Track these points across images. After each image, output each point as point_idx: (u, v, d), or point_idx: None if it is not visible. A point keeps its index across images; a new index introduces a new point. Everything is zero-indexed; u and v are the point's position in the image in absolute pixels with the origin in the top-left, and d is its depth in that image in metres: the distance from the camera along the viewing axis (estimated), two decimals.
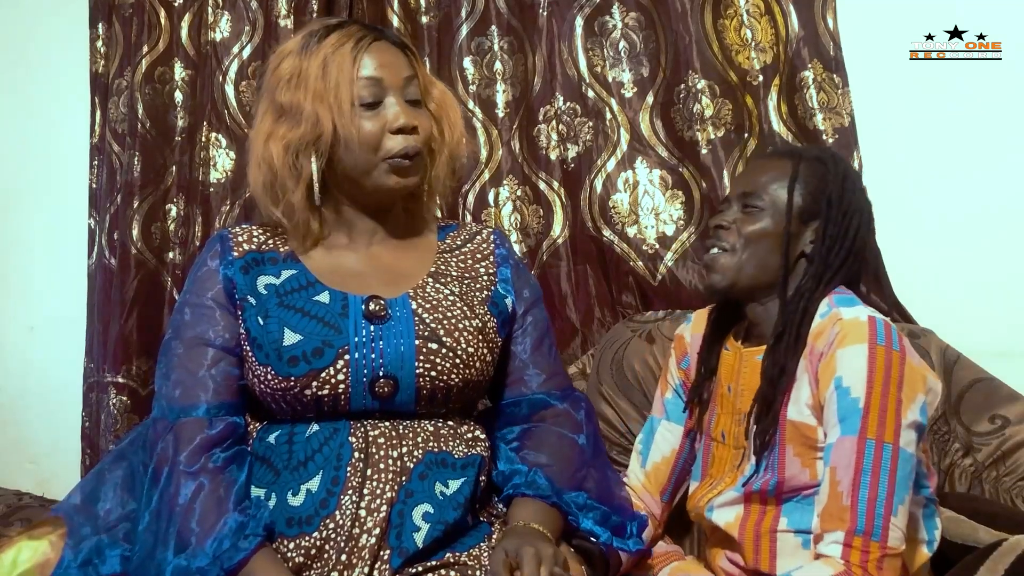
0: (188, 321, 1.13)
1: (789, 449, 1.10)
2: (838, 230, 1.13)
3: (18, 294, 2.36)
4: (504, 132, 1.87)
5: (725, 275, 1.16)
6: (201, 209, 2.05)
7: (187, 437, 1.07)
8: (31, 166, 2.35)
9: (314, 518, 1.03)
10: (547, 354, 1.24)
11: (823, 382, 1.07)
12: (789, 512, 1.12)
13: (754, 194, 1.16)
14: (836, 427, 1.04)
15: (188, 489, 1.04)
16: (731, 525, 1.16)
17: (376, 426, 1.09)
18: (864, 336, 1.04)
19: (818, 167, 1.16)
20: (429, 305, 1.13)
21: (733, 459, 1.19)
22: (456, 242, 1.25)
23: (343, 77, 1.09)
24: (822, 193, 1.14)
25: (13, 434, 2.33)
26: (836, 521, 1.01)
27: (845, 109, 1.62)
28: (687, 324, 1.35)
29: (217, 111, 2.05)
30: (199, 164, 2.06)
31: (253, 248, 1.17)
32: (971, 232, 1.58)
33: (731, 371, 1.21)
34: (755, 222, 1.15)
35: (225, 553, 0.99)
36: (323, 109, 1.09)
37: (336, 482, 1.04)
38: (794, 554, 1.11)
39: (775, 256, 1.15)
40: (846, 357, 1.04)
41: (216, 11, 2.05)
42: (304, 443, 1.08)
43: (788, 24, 1.65)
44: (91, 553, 1.08)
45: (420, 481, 1.06)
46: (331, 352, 1.07)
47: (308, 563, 1.02)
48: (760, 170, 1.19)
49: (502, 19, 1.88)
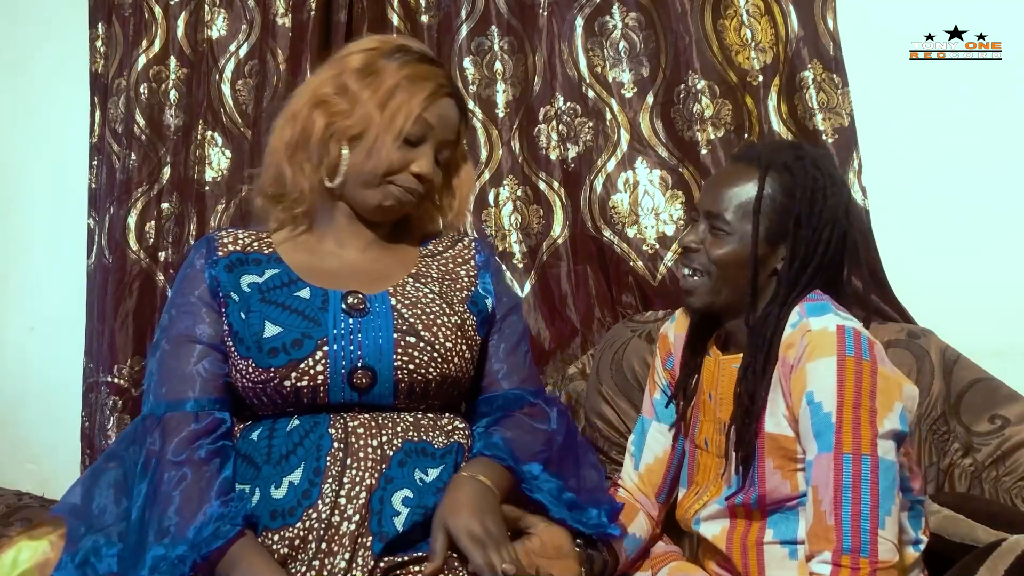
0: (175, 319, 1.16)
1: (769, 462, 1.10)
2: (808, 249, 1.09)
3: (18, 294, 2.36)
4: (504, 132, 1.87)
5: (700, 298, 1.15)
6: (196, 208, 2.05)
7: (173, 430, 1.08)
8: (31, 166, 2.35)
9: (296, 509, 1.04)
10: (522, 359, 1.26)
11: (795, 396, 1.05)
12: (774, 524, 1.12)
13: (719, 216, 1.12)
14: (812, 443, 1.02)
15: (172, 479, 1.05)
16: (718, 538, 1.16)
17: (355, 417, 1.10)
18: (832, 348, 1.02)
19: (785, 179, 1.10)
20: (408, 301, 1.16)
21: (717, 467, 1.18)
22: (438, 248, 1.28)
23: (408, 108, 1.15)
24: (789, 213, 1.10)
25: (13, 434, 2.33)
26: (823, 541, 0.99)
27: (845, 109, 1.62)
28: (670, 323, 1.34)
29: (213, 109, 2.05)
30: (194, 162, 2.06)
31: (238, 249, 1.20)
32: (971, 232, 1.58)
33: (712, 378, 1.21)
34: (722, 246, 1.11)
35: (204, 540, 1.00)
36: (377, 116, 1.15)
37: (317, 472, 1.06)
38: (782, 565, 1.11)
39: (749, 279, 1.11)
40: (816, 371, 1.02)
41: (213, 9, 2.05)
42: (285, 437, 1.09)
43: (788, 24, 1.65)
44: (88, 553, 1.08)
45: (399, 468, 1.07)
46: (310, 343, 1.09)
47: (293, 554, 1.03)
48: (728, 184, 1.13)
49: (502, 19, 1.88)
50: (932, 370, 1.43)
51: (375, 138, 1.15)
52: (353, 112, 1.16)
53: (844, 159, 1.60)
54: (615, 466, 1.59)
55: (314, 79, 1.23)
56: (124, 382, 2.08)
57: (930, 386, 1.41)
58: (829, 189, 1.11)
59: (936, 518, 1.20)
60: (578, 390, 1.71)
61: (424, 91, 1.17)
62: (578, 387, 1.71)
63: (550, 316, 1.84)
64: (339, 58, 1.22)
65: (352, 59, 1.20)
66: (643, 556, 1.30)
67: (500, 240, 1.87)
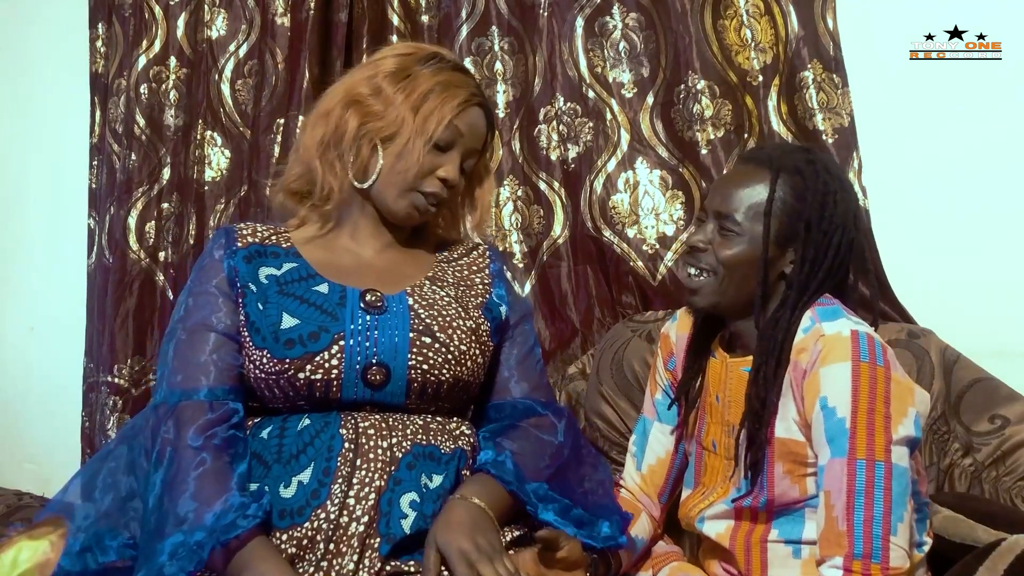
0: (191, 308, 1.16)
1: (778, 467, 1.10)
2: (818, 253, 1.09)
3: (18, 294, 2.36)
4: (505, 132, 1.87)
5: (705, 298, 1.14)
6: (195, 207, 2.05)
7: (188, 418, 1.08)
8: (31, 166, 2.36)
9: (305, 509, 1.04)
10: (533, 367, 1.26)
11: (808, 401, 1.05)
12: (780, 524, 1.12)
13: (729, 217, 1.11)
14: (825, 448, 1.02)
15: (189, 465, 1.05)
16: (722, 536, 1.16)
17: (366, 418, 1.10)
18: (847, 353, 1.02)
19: (796, 182, 1.10)
20: (425, 302, 1.17)
21: (725, 469, 1.18)
22: (453, 255, 1.30)
23: (440, 114, 1.17)
24: (800, 216, 1.09)
25: (13, 434, 2.33)
26: (834, 547, 0.99)
27: (845, 109, 1.62)
28: (672, 323, 1.33)
29: (213, 109, 2.05)
30: (194, 162, 2.06)
31: (256, 242, 1.21)
32: (971, 232, 1.58)
33: (719, 380, 1.20)
34: (732, 247, 1.11)
35: (223, 527, 0.99)
36: (410, 119, 1.17)
37: (327, 473, 1.06)
38: (784, 563, 1.11)
39: (756, 280, 1.11)
40: (829, 376, 1.02)
41: (213, 9, 2.05)
42: (296, 437, 1.09)
43: (788, 24, 1.65)
44: (90, 541, 1.08)
45: (408, 470, 1.08)
46: (327, 337, 1.10)
47: (301, 554, 1.03)
48: (738, 185, 1.12)
49: (502, 19, 1.88)
50: (932, 370, 1.43)
51: (407, 140, 1.16)
52: (386, 114, 1.17)
53: (844, 159, 1.60)
54: (615, 466, 1.59)
55: (348, 79, 1.24)
56: (124, 382, 2.08)
57: (930, 386, 1.41)
58: (839, 194, 1.11)
59: (937, 518, 1.20)
60: (578, 390, 1.71)
61: (456, 98, 1.18)
62: (578, 387, 1.71)
63: (550, 316, 1.84)
64: (373, 61, 1.24)
65: (387, 62, 1.21)
66: (644, 556, 1.30)
67: (501, 240, 1.88)
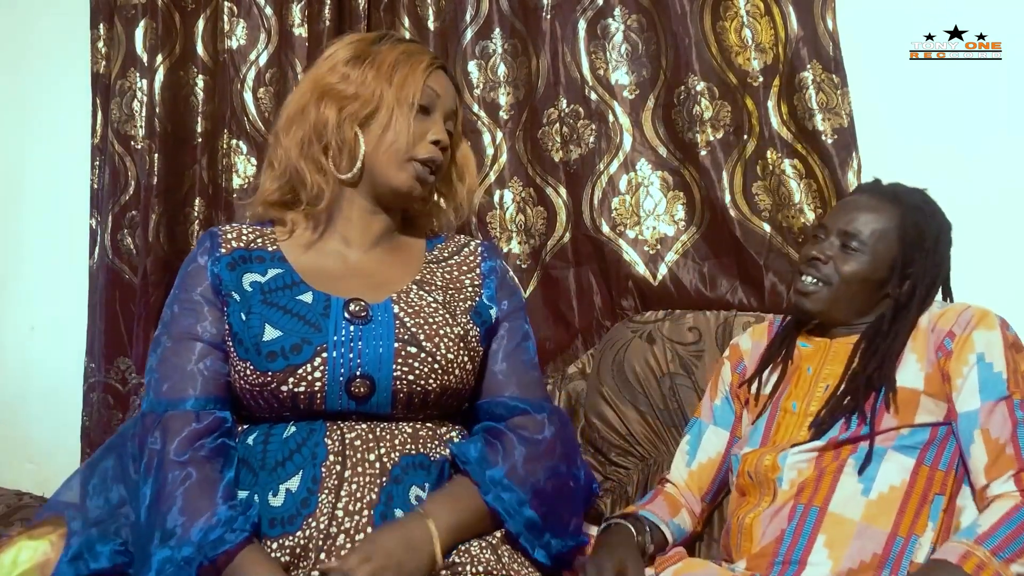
0: (177, 316, 1.14)
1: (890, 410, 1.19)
2: (928, 280, 1.25)
3: (19, 294, 2.36)
4: (508, 135, 1.88)
5: (817, 305, 1.26)
6: (225, 215, 2.06)
7: (175, 429, 1.07)
8: (32, 166, 2.36)
9: (296, 517, 1.03)
10: (522, 363, 1.23)
11: (959, 357, 1.18)
12: (858, 460, 1.18)
13: (856, 236, 1.24)
14: (976, 395, 1.16)
15: (176, 479, 1.04)
16: (804, 469, 1.20)
17: (352, 428, 1.09)
18: (996, 325, 1.20)
19: (919, 218, 1.26)
20: (411, 310, 1.14)
21: (799, 426, 1.25)
22: (443, 254, 1.27)
23: (412, 78, 1.17)
24: (919, 249, 1.25)
25: (13, 434, 2.33)
26: (1003, 467, 1.13)
27: (844, 109, 1.62)
28: (744, 335, 1.43)
29: (237, 118, 2.05)
30: (221, 171, 2.06)
31: (241, 246, 1.19)
32: (971, 232, 1.57)
33: (815, 357, 1.29)
34: (854, 264, 1.24)
35: (210, 543, 0.98)
36: (387, 90, 1.16)
37: (315, 480, 1.05)
38: (850, 498, 1.16)
39: (866, 296, 1.26)
40: (984, 337, 1.19)
41: (232, 19, 2.05)
42: (281, 444, 1.08)
43: (787, 25, 1.65)
44: (81, 548, 1.07)
45: (396, 485, 1.06)
46: (309, 349, 1.08)
47: (294, 562, 1.02)
48: (865, 210, 1.26)
49: (505, 23, 1.89)
50: None
51: (391, 112, 1.16)
52: (361, 93, 1.16)
53: (843, 159, 1.60)
54: (614, 467, 1.59)
55: (307, 79, 1.22)
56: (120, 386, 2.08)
57: None
58: (946, 235, 1.29)
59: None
60: (578, 390, 1.71)
61: (422, 63, 1.19)
62: (578, 387, 1.71)
63: (552, 316, 1.84)
64: (326, 57, 1.22)
65: (341, 52, 1.21)
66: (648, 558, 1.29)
67: (504, 241, 1.88)
